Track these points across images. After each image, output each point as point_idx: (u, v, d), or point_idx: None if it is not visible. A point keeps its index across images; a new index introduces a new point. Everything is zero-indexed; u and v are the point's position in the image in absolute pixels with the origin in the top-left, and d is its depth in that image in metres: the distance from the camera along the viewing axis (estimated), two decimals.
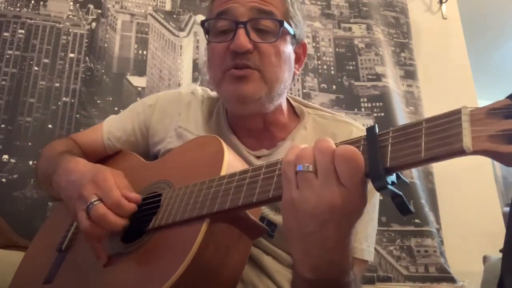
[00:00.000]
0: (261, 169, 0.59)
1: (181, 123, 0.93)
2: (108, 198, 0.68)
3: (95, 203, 0.67)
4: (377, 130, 0.49)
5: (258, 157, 0.85)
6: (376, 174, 0.46)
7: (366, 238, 0.82)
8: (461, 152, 0.42)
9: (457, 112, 0.44)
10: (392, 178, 0.47)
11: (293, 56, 0.86)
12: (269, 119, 0.86)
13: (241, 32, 0.77)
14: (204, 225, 0.61)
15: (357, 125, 0.89)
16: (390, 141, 0.48)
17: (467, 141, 0.41)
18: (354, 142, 0.51)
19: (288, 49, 0.83)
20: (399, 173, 0.49)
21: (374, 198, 0.85)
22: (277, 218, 0.80)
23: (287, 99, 0.93)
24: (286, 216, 0.52)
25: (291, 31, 0.83)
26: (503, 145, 0.40)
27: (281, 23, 0.79)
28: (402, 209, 0.47)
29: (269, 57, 0.79)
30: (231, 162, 0.70)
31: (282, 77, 0.82)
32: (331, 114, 0.92)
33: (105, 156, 1.00)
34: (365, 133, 0.50)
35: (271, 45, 0.79)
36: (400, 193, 0.47)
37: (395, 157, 0.46)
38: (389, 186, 0.46)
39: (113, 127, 0.99)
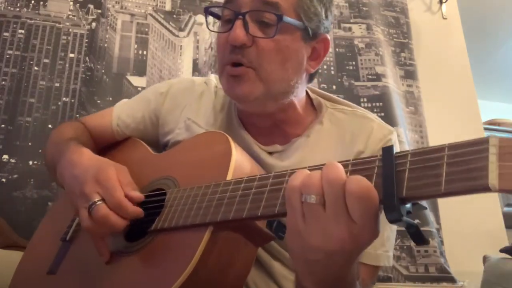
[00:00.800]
0: (268, 179, 0.56)
1: (191, 114, 0.90)
2: (111, 198, 0.67)
3: (98, 203, 0.67)
4: (394, 151, 0.45)
5: (270, 153, 0.82)
6: (390, 206, 0.42)
7: (383, 243, 0.78)
8: (486, 190, 0.38)
9: (485, 141, 0.39)
10: (408, 207, 0.43)
11: (304, 52, 0.78)
12: (278, 118, 0.82)
13: (237, 24, 0.73)
14: (207, 234, 0.60)
15: (378, 122, 0.84)
16: (407, 166, 0.43)
17: (493, 178, 0.37)
18: (368, 162, 0.47)
19: (296, 45, 0.76)
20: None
21: None
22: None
23: (306, 92, 0.88)
24: (291, 242, 0.49)
25: (299, 25, 0.75)
26: None
27: (279, 18, 0.72)
28: (417, 239, 0.44)
29: (268, 53, 0.74)
30: (239, 162, 0.69)
31: (284, 75, 0.76)
32: (351, 108, 0.87)
33: (113, 142, 0.98)
34: (386, 137, 0.47)
35: (271, 40, 0.73)
36: (415, 223, 0.43)
37: (412, 187, 0.42)
38: (404, 218, 0.42)
39: (123, 113, 0.97)
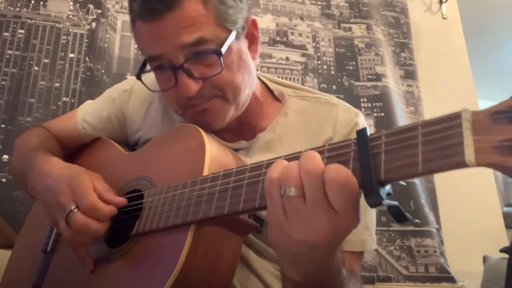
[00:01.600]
0: (245, 172, 0.55)
1: (158, 108, 0.87)
2: (83, 203, 0.65)
3: (74, 211, 0.65)
4: (368, 133, 0.44)
5: (236, 150, 0.80)
6: (370, 190, 0.42)
7: (367, 227, 0.78)
8: (463, 166, 0.37)
9: (457, 116, 0.38)
10: (387, 189, 0.43)
11: (244, 50, 0.76)
12: (243, 115, 0.79)
13: (182, 78, 0.69)
14: (190, 233, 0.59)
15: (343, 106, 0.83)
16: (383, 147, 0.43)
17: (469, 154, 0.37)
18: (343, 146, 0.46)
19: (236, 52, 0.74)
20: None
21: None
22: (265, 213, 0.76)
23: (261, 81, 0.86)
24: (273, 236, 0.49)
25: (232, 37, 0.71)
26: (510, 157, 0.35)
27: (219, 54, 0.69)
28: (399, 218, 0.43)
29: (222, 81, 0.71)
30: (214, 154, 0.67)
31: (244, 82, 0.75)
32: (313, 95, 0.85)
33: (81, 145, 0.95)
34: (353, 121, 0.45)
35: (220, 73, 0.70)
36: (396, 203, 0.43)
37: (390, 169, 0.41)
38: (384, 202, 0.42)
39: (87, 114, 0.93)
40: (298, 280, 0.51)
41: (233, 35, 0.72)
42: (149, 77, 0.81)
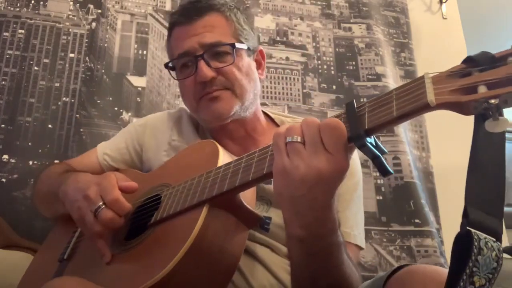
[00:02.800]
0: (255, 153, 0.65)
1: (174, 136, 1.00)
2: (108, 197, 0.72)
3: (103, 206, 0.72)
4: (355, 103, 0.57)
5: None
6: (356, 135, 0.53)
7: (357, 225, 0.91)
8: (427, 106, 0.49)
9: (421, 77, 0.51)
10: (371, 140, 0.54)
11: (253, 65, 0.97)
12: (249, 126, 0.96)
13: (201, 64, 0.88)
14: (204, 209, 0.65)
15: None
16: (367, 110, 0.55)
17: (431, 97, 0.48)
18: (336, 116, 0.58)
19: (247, 61, 0.94)
20: (377, 142, 0.56)
21: (359, 190, 0.95)
22: (271, 213, 0.84)
23: (265, 113, 1.03)
24: (278, 183, 0.58)
25: (244, 46, 0.93)
26: (462, 95, 0.47)
27: (232, 46, 0.90)
28: (382, 169, 0.53)
29: (233, 74, 0.90)
30: (227, 159, 0.74)
31: (249, 86, 0.93)
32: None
33: None
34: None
35: (233, 65, 0.90)
36: (379, 154, 0.53)
37: (372, 120, 0.53)
38: (368, 144, 0.53)
39: (107, 148, 1.06)
40: (300, 234, 0.60)
41: (244, 46, 0.94)
42: (159, 115, 1.08)
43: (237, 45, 0.91)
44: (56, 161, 1.41)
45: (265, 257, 0.83)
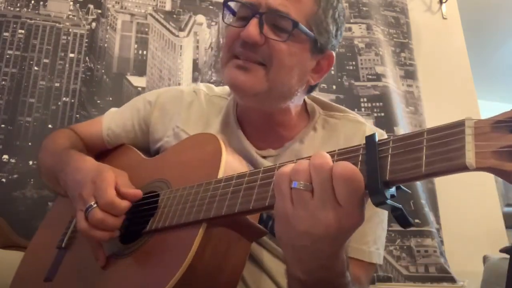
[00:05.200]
0: (258, 174, 0.58)
1: (180, 123, 0.91)
2: (101, 199, 0.68)
3: (94, 206, 0.68)
4: (376, 139, 0.47)
5: (264, 157, 0.83)
6: (374, 189, 0.44)
7: (375, 241, 0.80)
8: (464, 169, 0.39)
9: (461, 124, 0.41)
10: (392, 191, 0.46)
11: (309, 64, 0.80)
12: (275, 119, 0.84)
13: (253, 22, 0.75)
14: (201, 230, 0.60)
15: (369, 125, 0.87)
16: (390, 151, 0.46)
17: (470, 157, 0.39)
18: (352, 150, 0.49)
19: (303, 55, 0.79)
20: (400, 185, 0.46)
21: None
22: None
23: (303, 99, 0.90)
24: (278, 227, 0.51)
25: (310, 34, 0.77)
26: (508, 162, 0.37)
27: (295, 24, 0.75)
28: (402, 222, 0.45)
29: (279, 55, 0.75)
30: (229, 162, 0.70)
31: (289, 80, 0.78)
32: (342, 113, 0.89)
33: (105, 150, 0.99)
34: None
35: (284, 43, 0.75)
36: (400, 206, 0.45)
37: (395, 170, 0.44)
38: (388, 201, 0.44)
39: (113, 123, 0.98)
40: (301, 277, 0.53)
41: (311, 36, 0.78)
42: (172, 92, 0.97)
43: (302, 27, 0.75)
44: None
45: (272, 266, 0.78)
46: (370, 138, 0.48)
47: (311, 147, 0.83)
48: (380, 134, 0.82)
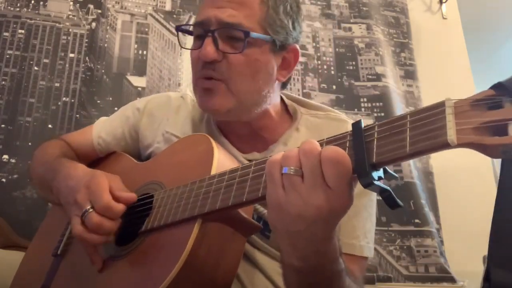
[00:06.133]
0: (250, 167, 0.59)
1: (169, 128, 0.93)
2: (98, 203, 0.69)
3: (90, 210, 0.69)
4: (362, 125, 0.49)
5: (249, 161, 0.82)
6: (362, 171, 0.46)
7: (365, 234, 0.81)
8: (446, 146, 0.41)
9: (441, 104, 0.43)
10: (379, 173, 0.47)
11: (274, 63, 0.81)
12: (255, 125, 0.85)
13: (207, 41, 0.76)
14: (196, 226, 0.61)
15: (351, 122, 0.87)
16: (376, 136, 0.48)
17: (451, 134, 0.40)
18: (340, 138, 0.51)
19: (265, 57, 0.79)
20: (386, 167, 0.48)
21: (371, 194, 0.84)
22: None
23: (281, 98, 0.91)
24: (272, 215, 0.52)
25: (266, 38, 0.78)
26: (488, 137, 0.39)
27: (246, 34, 0.75)
28: (391, 203, 0.47)
29: (238, 67, 0.77)
30: (222, 160, 0.70)
31: (255, 87, 0.79)
32: (324, 112, 0.90)
33: (97, 158, 1.00)
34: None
35: (241, 54, 0.76)
36: (388, 187, 0.46)
37: (381, 152, 0.46)
38: (376, 182, 0.46)
39: (103, 131, 0.99)
40: (297, 265, 0.55)
41: (268, 38, 0.78)
42: (160, 99, 0.99)
43: (254, 34, 0.76)
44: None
45: (265, 264, 0.79)
46: (356, 125, 0.50)
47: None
48: None
